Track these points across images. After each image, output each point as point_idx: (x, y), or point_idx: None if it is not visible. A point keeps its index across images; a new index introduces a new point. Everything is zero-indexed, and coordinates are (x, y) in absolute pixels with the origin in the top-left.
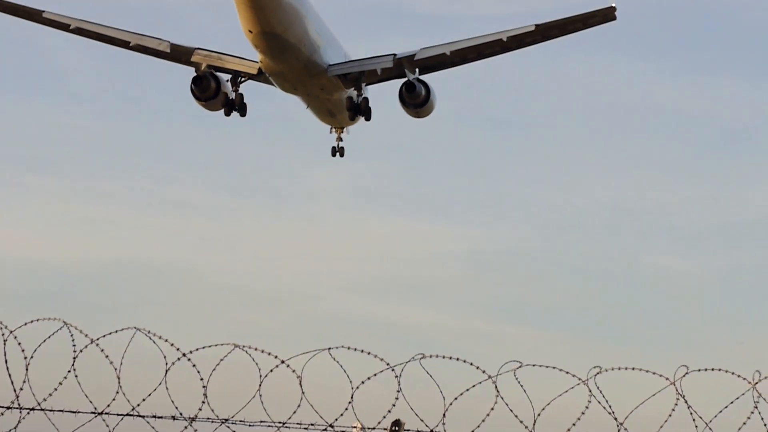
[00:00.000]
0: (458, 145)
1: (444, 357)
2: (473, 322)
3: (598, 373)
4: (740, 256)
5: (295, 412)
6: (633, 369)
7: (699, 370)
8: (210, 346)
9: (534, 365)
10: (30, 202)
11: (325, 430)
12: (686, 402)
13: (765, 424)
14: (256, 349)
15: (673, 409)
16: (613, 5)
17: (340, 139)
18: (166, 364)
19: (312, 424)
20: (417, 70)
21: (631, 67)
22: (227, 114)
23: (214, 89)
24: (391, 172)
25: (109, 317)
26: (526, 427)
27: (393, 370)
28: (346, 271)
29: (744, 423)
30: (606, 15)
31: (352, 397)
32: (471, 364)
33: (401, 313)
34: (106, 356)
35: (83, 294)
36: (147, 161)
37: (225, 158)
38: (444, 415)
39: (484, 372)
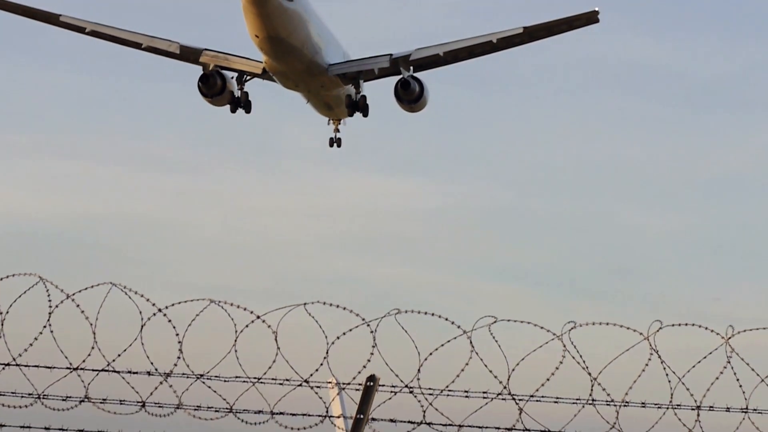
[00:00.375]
0: (433, 102)
1: (419, 312)
2: (449, 279)
3: (572, 329)
4: (715, 212)
5: (270, 368)
6: (607, 324)
7: (673, 325)
8: (186, 302)
9: (509, 320)
10: (4, 158)
11: (300, 385)
12: (659, 357)
13: (737, 379)
14: (231, 305)
15: (647, 364)
16: (596, 9)
17: (337, 130)
18: (142, 319)
19: (287, 380)
20: (411, 68)
21: (606, 23)
22: (233, 111)
23: (220, 86)
24: (365, 129)
25: (84, 273)
26: (500, 382)
27: (368, 325)
28: (322, 227)
29: (717, 378)
30: (589, 18)
31: (327, 353)
32: (446, 319)
33: (377, 270)
34: (82, 311)
35: (59, 250)
36: (124, 116)
37: (201, 114)
38: (419, 370)
39: (459, 327)
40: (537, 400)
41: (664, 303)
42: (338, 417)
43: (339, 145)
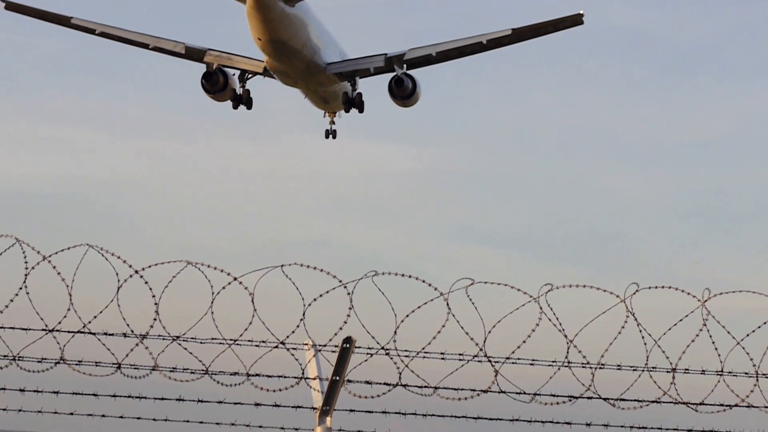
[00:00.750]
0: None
1: (396, 274)
2: (426, 242)
3: (549, 291)
4: (693, 176)
5: (246, 330)
6: (584, 287)
7: (649, 288)
8: (162, 263)
9: (485, 282)
10: None
11: (276, 347)
12: (636, 319)
13: (713, 342)
14: (208, 266)
15: (623, 327)
16: (581, 12)
17: (332, 122)
18: (118, 281)
19: (263, 342)
20: (405, 66)
21: None
22: (235, 107)
23: (222, 83)
24: None
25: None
26: (477, 344)
27: (345, 287)
28: (299, 190)
29: (692, 341)
30: (575, 20)
31: (303, 315)
32: (423, 281)
33: (354, 233)
34: (58, 273)
35: (36, 212)
36: (102, 80)
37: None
38: (395, 332)
39: (435, 289)
40: (513, 363)
41: (642, 266)
42: (314, 379)
43: (334, 137)
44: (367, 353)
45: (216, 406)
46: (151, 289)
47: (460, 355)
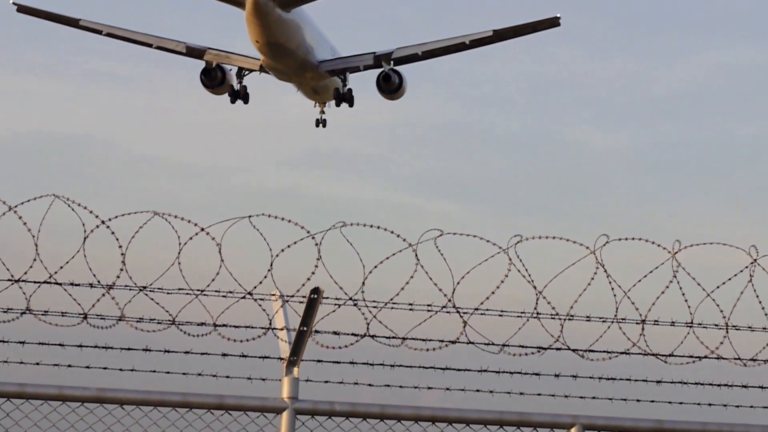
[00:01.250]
0: (382, 17)
1: (364, 225)
2: (394, 196)
3: (518, 242)
4: (663, 130)
5: (213, 280)
6: (553, 238)
7: (619, 240)
8: (129, 214)
9: (454, 234)
10: None
11: (244, 298)
12: (605, 271)
13: (683, 294)
14: (175, 217)
15: (592, 278)
16: (558, 15)
17: (322, 112)
18: (85, 231)
19: (230, 292)
20: (392, 63)
21: None
22: (232, 102)
23: (220, 78)
24: None
25: (28, 187)
26: (445, 295)
27: (313, 238)
28: (269, 143)
29: (662, 292)
30: (552, 22)
31: (271, 266)
32: (391, 232)
33: (324, 186)
34: (24, 223)
35: (1, 164)
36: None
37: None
38: (363, 283)
39: (404, 240)
40: (481, 314)
41: (612, 219)
42: (281, 329)
43: (324, 125)
44: (335, 304)
45: (183, 357)
46: (117, 239)
47: (428, 306)
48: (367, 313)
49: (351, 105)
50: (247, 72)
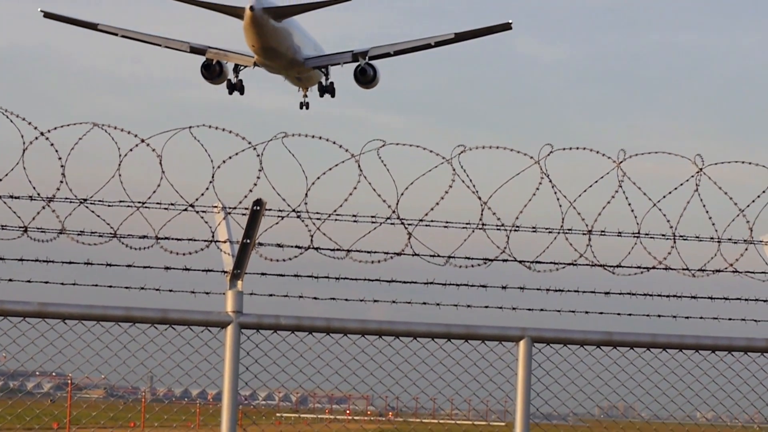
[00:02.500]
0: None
1: (307, 136)
2: (339, 109)
3: (461, 152)
4: (605, 42)
5: (154, 192)
6: (497, 148)
7: (564, 149)
8: (68, 125)
9: (397, 144)
10: None
11: (186, 210)
12: (550, 181)
13: (629, 204)
14: (115, 128)
15: (538, 188)
16: (510, 21)
17: (305, 96)
18: (23, 143)
19: (172, 204)
20: (367, 59)
21: None
22: (230, 93)
23: (218, 71)
24: None
25: None
26: (389, 206)
27: (255, 149)
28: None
29: (608, 202)
30: (505, 27)
31: (213, 177)
32: (334, 143)
33: (264, 99)
34: None
35: None
36: None
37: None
38: (306, 195)
39: (347, 151)
40: (426, 225)
41: (558, 130)
42: (224, 242)
43: (308, 108)
44: (278, 216)
45: (125, 270)
46: (57, 151)
47: (372, 218)
48: (310, 225)
49: (333, 96)
50: (242, 67)
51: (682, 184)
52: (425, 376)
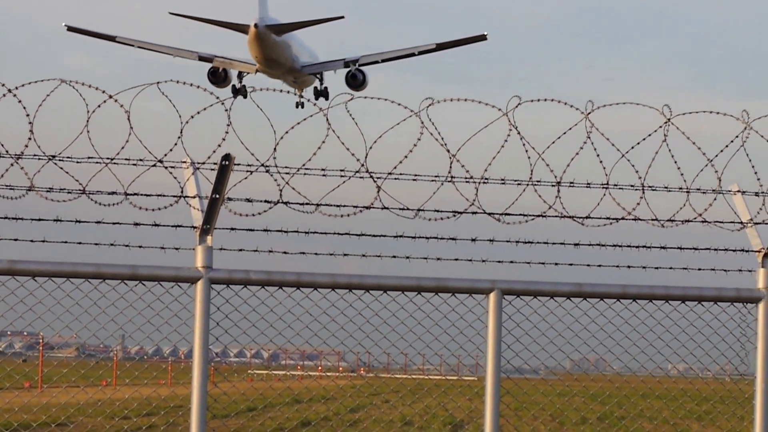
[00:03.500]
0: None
1: (275, 90)
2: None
3: (429, 105)
4: None
5: (123, 148)
6: (465, 100)
7: (531, 101)
8: (36, 82)
9: (365, 97)
10: None
11: (154, 165)
12: (519, 133)
13: (598, 155)
14: (83, 85)
15: (506, 141)
16: (485, 33)
17: (301, 96)
18: None
19: (141, 160)
20: (357, 65)
21: None
22: (234, 97)
23: (223, 77)
24: None
25: None
26: (358, 160)
27: (223, 104)
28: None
29: (576, 153)
30: (481, 38)
31: (181, 133)
32: (301, 97)
33: (231, 52)
34: None
35: None
36: None
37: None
38: (275, 149)
39: (315, 105)
40: (395, 179)
41: (526, 83)
42: (194, 197)
43: (303, 107)
44: (247, 171)
45: (94, 227)
46: (25, 108)
47: (341, 171)
48: (279, 180)
49: (326, 98)
50: (246, 74)
51: (650, 135)
52: (396, 330)
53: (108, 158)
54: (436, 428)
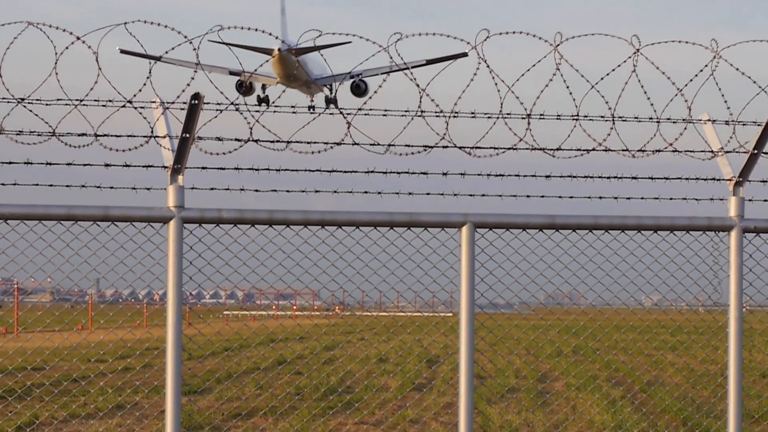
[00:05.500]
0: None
1: (242, 28)
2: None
3: (398, 40)
4: None
5: (92, 89)
6: (434, 35)
7: (500, 34)
8: (2, 25)
9: (333, 33)
10: None
11: (124, 106)
12: (488, 66)
13: (568, 87)
14: (50, 26)
15: (475, 74)
16: (467, 51)
17: (312, 100)
18: None
19: (110, 101)
20: (360, 76)
21: None
22: (259, 104)
23: (249, 88)
24: None
25: None
26: (327, 96)
27: (191, 43)
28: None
29: (546, 85)
30: (462, 55)
31: (150, 73)
32: (270, 34)
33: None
34: None
35: None
36: None
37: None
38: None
39: (283, 42)
40: (365, 114)
41: (494, 17)
42: (164, 137)
43: (314, 110)
44: (217, 109)
45: (65, 169)
46: None
47: (311, 108)
48: (249, 118)
49: (336, 106)
50: (268, 85)
51: (619, 65)
52: (369, 265)
53: (77, 100)
54: (411, 364)
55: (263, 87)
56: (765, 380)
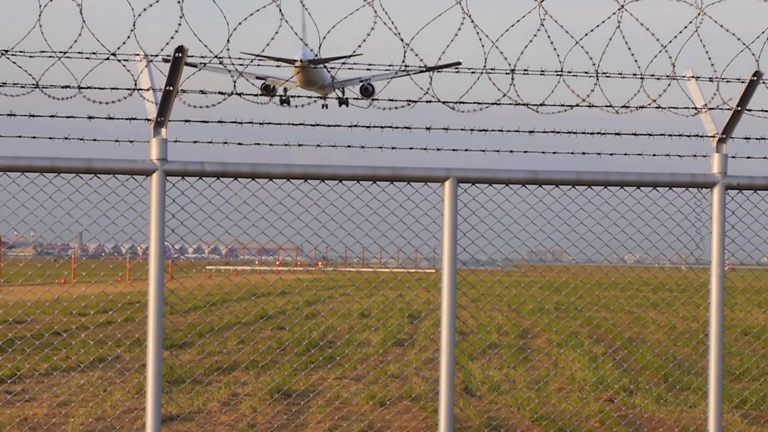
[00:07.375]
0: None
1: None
2: None
3: None
4: None
5: (76, 42)
6: None
7: None
8: None
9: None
10: None
11: (108, 59)
12: (473, 21)
13: (552, 42)
14: None
15: (459, 29)
16: (460, 60)
17: (324, 100)
18: None
19: (94, 53)
20: (368, 80)
21: None
22: (281, 104)
23: (272, 90)
24: None
25: None
26: (312, 50)
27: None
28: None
29: (530, 41)
30: (456, 63)
31: (134, 25)
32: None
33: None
34: None
35: None
36: None
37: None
38: (228, 40)
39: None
40: (349, 68)
41: None
42: (147, 90)
43: (327, 108)
44: (200, 62)
45: (48, 121)
46: None
47: (295, 62)
48: (233, 71)
49: (347, 106)
50: (289, 88)
51: (603, 22)
52: (352, 219)
53: (61, 52)
54: (393, 319)
55: (285, 90)
56: (746, 338)
